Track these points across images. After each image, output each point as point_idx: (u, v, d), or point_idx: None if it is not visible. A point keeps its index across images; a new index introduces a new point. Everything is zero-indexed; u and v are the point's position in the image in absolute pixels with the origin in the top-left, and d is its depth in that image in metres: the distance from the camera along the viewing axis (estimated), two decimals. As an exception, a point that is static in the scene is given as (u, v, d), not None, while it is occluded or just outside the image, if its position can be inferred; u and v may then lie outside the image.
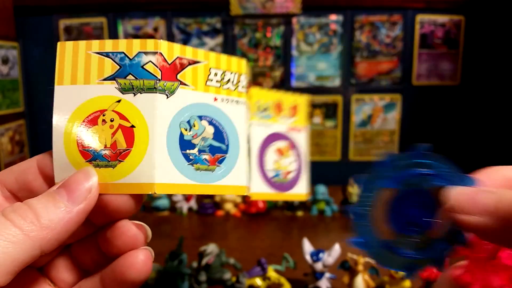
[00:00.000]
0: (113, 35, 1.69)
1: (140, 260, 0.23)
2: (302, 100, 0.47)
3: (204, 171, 0.24)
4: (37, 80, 1.74)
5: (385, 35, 1.63)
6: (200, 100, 0.25)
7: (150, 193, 0.23)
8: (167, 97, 0.23)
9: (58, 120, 0.22)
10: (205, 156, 0.24)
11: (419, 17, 1.61)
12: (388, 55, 1.65)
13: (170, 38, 1.69)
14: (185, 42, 1.69)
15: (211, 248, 0.66)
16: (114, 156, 0.22)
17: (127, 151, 0.23)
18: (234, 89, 0.26)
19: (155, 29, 1.69)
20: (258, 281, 0.66)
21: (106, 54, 0.23)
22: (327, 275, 0.65)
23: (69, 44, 0.23)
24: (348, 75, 1.65)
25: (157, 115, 0.23)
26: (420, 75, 1.66)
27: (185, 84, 0.24)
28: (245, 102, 0.26)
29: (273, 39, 1.67)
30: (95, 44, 0.23)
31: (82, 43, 0.23)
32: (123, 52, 0.23)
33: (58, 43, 0.23)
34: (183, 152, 0.24)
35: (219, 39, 1.68)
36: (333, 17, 1.63)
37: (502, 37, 1.51)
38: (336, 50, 1.65)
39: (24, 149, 1.74)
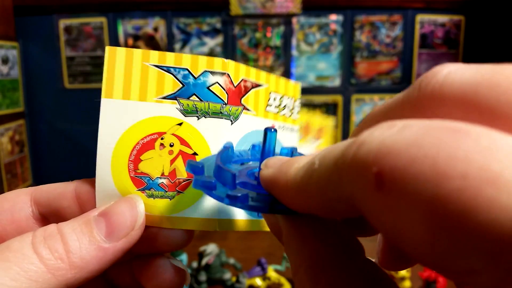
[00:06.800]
0: (113, 35, 1.69)
1: None
2: (328, 123, 0.45)
3: None
4: (37, 80, 1.74)
5: (385, 35, 1.63)
6: (259, 127, 0.22)
7: (212, 230, 0.21)
8: (232, 123, 0.21)
9: (106, 139, 0.19)
10: None
11: (419, 17, 1.61)
12: (388, 55, 1.65)
13: (170, 38, 1.69)
14: (185, 42, 1.69)
15: (211, 248, 0.67)
16: (173, 186, 0.20)
17: (188, 181, 0.20)
18: (289, 116, 0.24)
19: (155, 29, 1.69)
20: (258, 281, 0.66)
21: (167, 69, 0.20)
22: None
23: (121, 50, 0.19)
24: (348, 75, 1.65)
25: (222, 143, 0.20)
26: (420, 75, 1.65)
27: (247, 109, 0.22)
28: (298, 130, 0.24)
29: (273, 39, 1.67)
30: (154, 55, 0.20)
31: (137, 52, 0.19)
32: (187, 69, 0.20)
33: (107, 48, 0.19)
34: None
35: (219, 39, 1.68)
36: (333, 17, 1.63)
37: (502, 37, 1.51)
38: (336, 50, 1.65)
39: (24, 149, 1.74)
